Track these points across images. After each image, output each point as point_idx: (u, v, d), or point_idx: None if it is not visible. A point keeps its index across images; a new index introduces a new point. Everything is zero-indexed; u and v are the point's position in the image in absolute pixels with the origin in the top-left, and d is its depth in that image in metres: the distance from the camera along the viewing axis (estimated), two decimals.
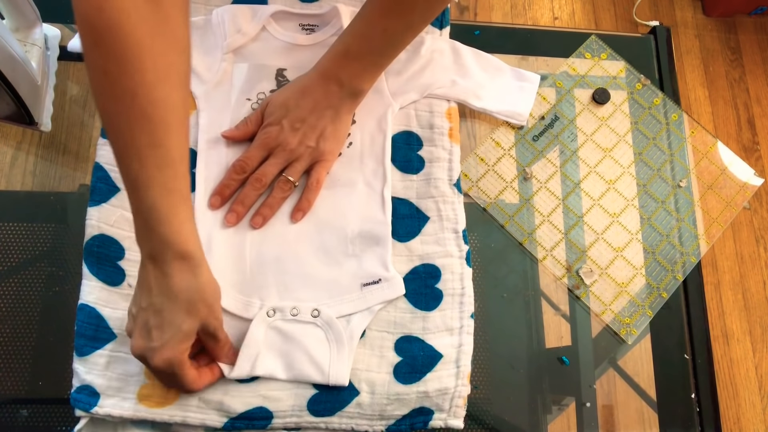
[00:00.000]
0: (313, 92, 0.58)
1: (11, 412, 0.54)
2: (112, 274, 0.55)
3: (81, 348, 0.52)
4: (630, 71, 0.72)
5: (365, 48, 0.56)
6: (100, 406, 0.50)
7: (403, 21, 0.55)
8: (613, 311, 0.63)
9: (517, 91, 0.68)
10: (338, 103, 0.58)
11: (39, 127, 0.60)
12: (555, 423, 0.60)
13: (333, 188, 0.60)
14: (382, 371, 0.55)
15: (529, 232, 0.65)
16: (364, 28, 0.56)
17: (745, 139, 1.65)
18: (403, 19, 0.55)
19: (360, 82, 0.58)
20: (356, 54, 0.56)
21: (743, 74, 1.71)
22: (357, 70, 0.57)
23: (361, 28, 0.56)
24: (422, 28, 0.57)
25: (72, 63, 0.64)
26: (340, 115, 0.59)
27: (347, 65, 0.57)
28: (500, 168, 0.67)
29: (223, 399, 0.52)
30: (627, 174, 0.68)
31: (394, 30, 0.55)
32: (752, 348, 1.47)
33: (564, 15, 1.72)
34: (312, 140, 0.58)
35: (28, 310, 0.56)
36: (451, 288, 0.58)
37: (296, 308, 0.55)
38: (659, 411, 0.61)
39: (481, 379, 0.59)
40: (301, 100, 0.58)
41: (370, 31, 0.55)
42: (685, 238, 0.67)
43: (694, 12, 1.77)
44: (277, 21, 0.65)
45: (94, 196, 0.56)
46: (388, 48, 0.57)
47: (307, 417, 0.53)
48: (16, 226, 0.58)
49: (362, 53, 0.56)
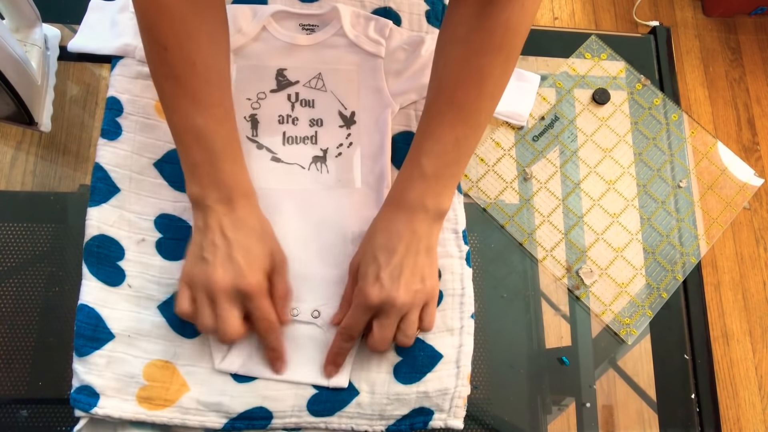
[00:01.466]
0: (401, 233, 0.53)
1: (11, 412, 0.54)
2: (112, 275, 0.55)
3: (80, 348, 0.52)
4: (630, 71, 0.72)
5: (441, 164, 0.52)
6: (100, 406, 0.50)
7: (472, 125, 0.52)
8: (613, 311, 0.63)
9: (517, 92, 0.68)
10: (428, 232, 0.54)
11: (39, 127, 0.60)
12: (555, 423, 0.60)
13: (334, 188, 0.60)
14: (382, 371, 0.55)
15: (529, 232, 0.65)
16: (434, 145, 0.52)
17: (745, 140, 1.65)
18: (472, 123, 0.52)
19: (444, 200, 0.53)
20: (434, 173, 0.52)
21: (743, 74, 1.71)
22: (438, 189, 0.53)
23: (431, 146, 0.53)
24: (487, 124, 0.55)
25: (72, 63, 0.64)
26: (431, 245, 0.54)
27: (428, 188, 0.53)
28: (500, 168, 0.67)
29: (222, 400, 0.52)
30: (627, 174, 0.68)
31: (465, 136, 0.52)
32: (752, 348, 1.47)
33: (564, 15, 1.72)
34: (417, 284, 0.52)
35: (28, 310, 0.56)
36: (451, 288, 0.58)
37: (296, 309, 0.55)
38: (659, 411, 0.61)
39: (481, 380, 0.59)
40: (391, 245, 0.52)
41: (441, 146, 0.52)
42: (685, 239, 0.67)
43: (694, 12, 1.78)
44: (278, 21, 0.65)
45: (94, 197, 0.56)
46: (463, 157, 0.54)
47: (306, 417, 0.53)
48: (16, 226, 0.58)
49: (439, 170, 0.52)
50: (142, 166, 0.58)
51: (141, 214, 0.57)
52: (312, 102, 0.63)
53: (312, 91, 0.63)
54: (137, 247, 0.56)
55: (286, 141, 0.61)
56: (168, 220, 0.58)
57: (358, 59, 0.65)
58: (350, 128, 0.63)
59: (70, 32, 0.64)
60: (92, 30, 0.63)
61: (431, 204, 0.53)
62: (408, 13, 0.68)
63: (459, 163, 0.54)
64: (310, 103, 0.63)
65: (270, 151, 0.61)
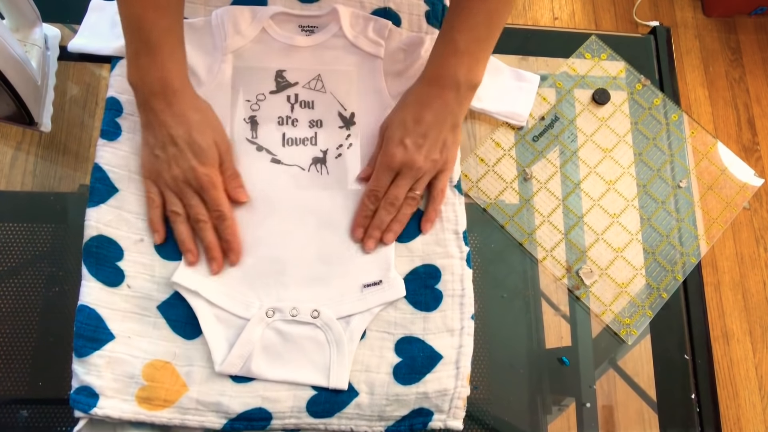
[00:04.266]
0: (431, 104, 0.57)
1: (11, 412, 0.54)
2: (111, 275, 0.55)
3: (80, 349, 0.52)
4: (630, 71, 0.72)
5: (473, 38, 0.55)
6: (99, 406, 0.50)
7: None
8: (613, 311, 0.63)
9: (517, 92, 0.68)
10: (457, 108, 0.58)
11: (39, 128, 0.60)
12: (555, 423, 0.60)
13: (334, 189, 0.60)
14: (381, 372, 0.55)
15: (529, 232, 0.65)
16: (466, 20, 0.55)
17: (745, 140, 1.65)
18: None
19: (477, 74, 0.57)
20: (466, 48, 0.55)
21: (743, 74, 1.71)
22: (471, 63, 0.56)
23: (463, 21, 0.55)
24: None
25: (72, 63, 0.64)
26: (458, 121, 0.59)
27: (460, 63, 0.56)
28: (500, 168, 0.67)
29: (221, 400, 0.52)
30: (627, 174, 0.68)
31: (496, 10, 0.55)
32: (752, 348, 1.47)
33: (564, 15, 1.72)
34: (436, 153, 0.58)
35: (28, 310, 0.56)
36: (451, 289, 0.58)
37: (296, 309, 0.55)
38: (659, 411, 0.61)
39: (481, 380, 0.59)
40: (420, 115, 0.57)
41: (473, 19, 0.55)
42: (685, 239, 0.67)
43: (694, 12, 1.77)
44: (277, 22, 0.65)
45: (93, 197, 0.56)
46: (494, 30, 0.56)
47: (306, 418, 0.53)
48: (16, 226, 0.58)
49: (470, 45, 0.56)
50: None
51: (140, 215, 0.57)
52: (311, 103, 0.63)
53: (311, 93, 0.63)
54: (136, 247, 0.56)
55: (286, 142, 0.61)
56: (167, 220, 0.58)
57: (358, 60, 0.65)
58: (350, 129, 0.63)
59: (70, 32, 0.64)
60: (92, 30, 0.63)
61: (464, 78, 0.56)
62: (408, 14, 0.68)
63: (490, 37, 0.56)
64: (309, 104, 0.63)
65: (270, 153, 0.61)
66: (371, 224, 0.59)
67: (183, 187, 0.55)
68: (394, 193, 0.58)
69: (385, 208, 0.58)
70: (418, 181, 0.59)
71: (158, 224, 0.56)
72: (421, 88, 0.58)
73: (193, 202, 0.55)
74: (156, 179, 0.56)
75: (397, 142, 0.57)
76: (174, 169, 0.55)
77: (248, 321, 0.54)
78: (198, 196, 0.56)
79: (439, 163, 0.59)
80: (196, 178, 0.54)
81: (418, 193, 0.59)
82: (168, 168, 0.55)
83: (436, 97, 0.57)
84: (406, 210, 0.59)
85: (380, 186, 0.58)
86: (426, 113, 0.57)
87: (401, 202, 0.59)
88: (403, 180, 0.58)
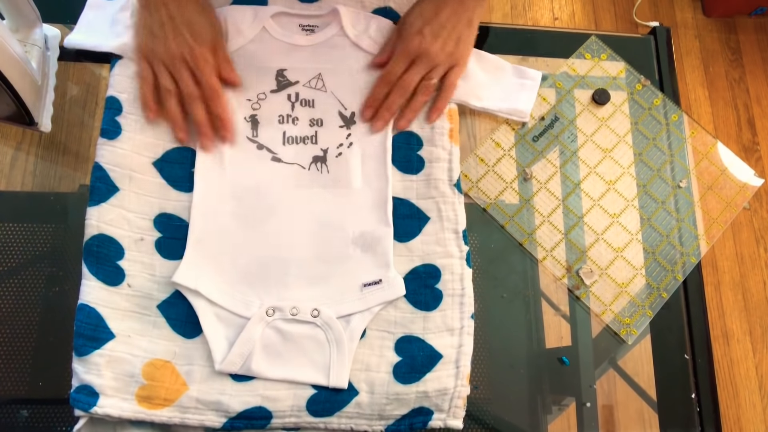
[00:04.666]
0: (449, 1, 0.61)
1: (11, 412, 0.54)
2: (112, 274, 0.55)
3: (80, 348, 0.52)
4: (630, 72, 0.72)
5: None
6: (99, 405, 0.50)
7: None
8: (613, 311, 0.63)
9: (519, 89, 0.68)
10: (474, 6, 0.62)
11: (39, 128, 0.60)
12: (555, 423, 0.60)
13: (334, 188, 0.60)
14: (381, 371, 0.55)
15: (529, 232, 0.65)
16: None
17: (745, 140, 1.65)
18: None
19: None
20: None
21: (743, 74, 1.71)
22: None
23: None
24: None
25: (72, 63, 0.64)
26: (473, 20, 0.62)
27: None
28: (500, 168, 0.67)
29: (221, 399, 0.52)
30: (627, 174, 0.68)
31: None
32: (752, 348, 1.47)
33: (564, 15, 1.73)
34: (451, 46, 0.61)
35: (28, 310, 0.56)
36: (451, 288, 0.58)
37: (296, 308, 0.55)
38: (659, 411, 0.61)
39: (481, 380, 0.59)
40: (438, 8, 0.61)
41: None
42: (685, 239, 0.67)
43: (694, 12, 1.78)
44: (277, 22, 0.65)
45: (94, 197, 0.56)
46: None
47: (306, 417, 0.53)
48: (16, 226, 0.58)
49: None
50: (142, 166, 0.58)
51: (140, 214, 0.57)
52: (312, 102, 0.63)
53: (312, 91, 0.63)
54: (136, 246, 0.56)
55: (286, 141, 0.61)
56: (167, 219, 0.58)
57: (358, 59, 0.65)
58: (350, 128, 0.63)
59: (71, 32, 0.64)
60: (90, 27, 0.63)
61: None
62: None
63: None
64: (310, 103, 0.63)
65: (270, 152, 0.61)
66: (382, 106, 0.61)
67: (177, 64, 0.57)
68: (408, 78, 0.61)
69: (397, 91, 0.61)
70: (433, 71, 0.61)
71: (150, 101, 0.59)
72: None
73: (185, 78, 0.57)
74: (151, 57, 0.58)
75: (416, 31, 0.61)
76: (171, 45, 0.57)
77: (248, 320, 0.54)
78: (190, 73, 0.58)
79: (454, 56, 0.62)
80: (192, 54, 0.57)
81: (433, 81, 0.61)
82: (164, 44, 0.57)
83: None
84: (419, 97, 0.62)
85: (395, 71, 0.61)
86: (444, 7, 0.61)
87: (413, 88, 0.61)
88: (418, 68, 0.61)
